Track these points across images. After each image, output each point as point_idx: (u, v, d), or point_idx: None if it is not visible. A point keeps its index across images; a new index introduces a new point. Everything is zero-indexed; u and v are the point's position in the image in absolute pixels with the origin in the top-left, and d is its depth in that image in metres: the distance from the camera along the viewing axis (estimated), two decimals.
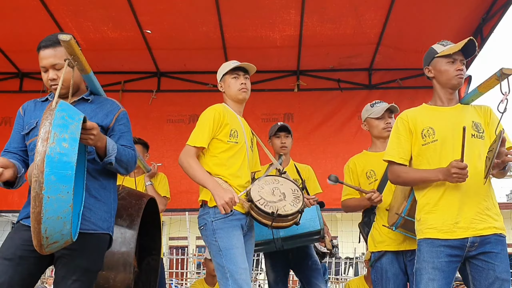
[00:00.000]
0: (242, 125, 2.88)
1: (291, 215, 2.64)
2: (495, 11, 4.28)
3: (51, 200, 1.74)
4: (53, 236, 1.80)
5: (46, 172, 1.73)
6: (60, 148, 1.77)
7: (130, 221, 2.66)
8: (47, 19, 4.40)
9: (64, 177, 1.77)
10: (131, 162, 2.31)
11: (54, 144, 1.76)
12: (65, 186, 1.77)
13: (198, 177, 2.63)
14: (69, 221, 1.81)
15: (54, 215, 1.76)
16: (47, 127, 1.78)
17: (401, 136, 2.52)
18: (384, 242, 2.91)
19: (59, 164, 1.76)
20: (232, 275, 2.50)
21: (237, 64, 2.89)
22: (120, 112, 2.36)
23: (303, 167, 3.77)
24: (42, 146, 1.75)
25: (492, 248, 2.28)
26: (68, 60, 2.09)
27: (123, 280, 2.55)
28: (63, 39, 1.99)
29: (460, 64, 2.46)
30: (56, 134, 1.78)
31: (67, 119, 1.86)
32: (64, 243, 1.90)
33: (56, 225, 1.79)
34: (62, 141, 1.78)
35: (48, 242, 1.81)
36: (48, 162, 1.73)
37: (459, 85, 2.48)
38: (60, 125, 1.81)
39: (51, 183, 1.73)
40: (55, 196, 1.75)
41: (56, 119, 1.81)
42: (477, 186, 2.32)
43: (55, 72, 2.23)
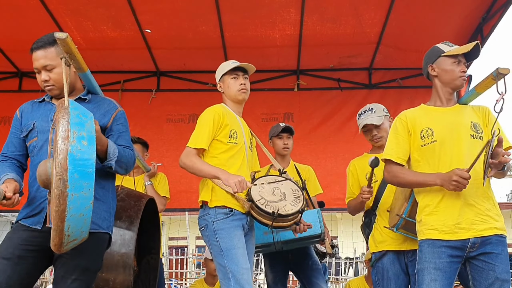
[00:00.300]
0: (242, 125, 2.87)
1: (292, 215, 2.63)
2: (495, 11, 4.28)
3: (75, 198, 1.76)
4: (74, 233, 1.82)
5: (70, 170, 1.74)
6: (81, 146, 1.80)
7: (129, 222, 2.65)
8: (46, 18, 4.39)
9: (86, 174, 1.79)
10: (130, 163, 2.30)
11: (75, 142, 1.79)
12: (87, 183, 1.80)
13: (204, 171, 2.62)
14: (89, 218, 1.84)
15: (77, 213, 1.78)
16: (66, 126, 1.80)
17: (400, 136, 2.51)
18: (385, 242, 2.90)
19: (81, 162, 1.79)
20: (234, 275, 2.49)
21: (237, 64, 2.88)
22: (117, 111, 2.35)
23: (303, 168, 3.75)
24: (63, 144, 1.76)
25: (493, 249, 2.28)
26: (64, 59, 2.07)
27: (122, 282, 2.54)
28: (59, 37, 1.98)
29: (464, 66, 2.47)
30: (75, 132, 1.80)
31: (81, 117, 1.88)
32: (81, 240, 1.92)
33: (78, 223, 1.81)
34: (82, 139, 1.82)
35: (69, 240, 1.83)
36: (71, 160, 1.75)
37: (462, 86, 2.48)
38: (77, 123, 1.84)
39: (75, 181, 1.75)
40: (79, 194, 1.77)
41: (72, 117, 1.83)
42: (477, 187, 2.32)
43: (47, 74, 2.22)
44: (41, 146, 2.24)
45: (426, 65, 2.57)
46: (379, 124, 3.13)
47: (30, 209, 2.21)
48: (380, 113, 3.19)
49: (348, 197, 3.27)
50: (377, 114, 3.18)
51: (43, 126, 2.25)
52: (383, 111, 3.21)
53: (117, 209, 2.59)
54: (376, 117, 3.16)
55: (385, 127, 3.16)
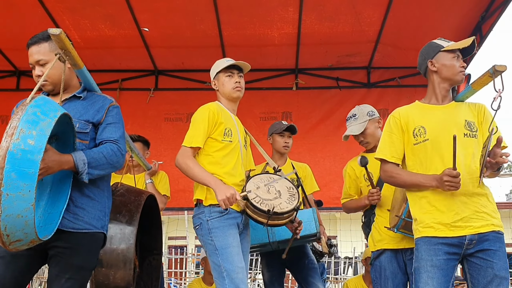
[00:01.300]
0: (236, 123, 2.86)
1: (287, 213, 2.62)
2: (494, 9, 4.26)
3: (10, 198, 1.68)
4: (14, 234, 1.75)
5: (6, 169, 1.67)
6: (25, 145, 1.71)
7: (129, 217, 2.63)
8: (44, 17, 4.39)
9: (26, 175, 1.70)
10: (113, 159, 2.19)
11: (19, 140, 1.70)
12: (27, 185, 1.70)
13: (198, 176, 2.61)
14: (31, 220, 1.75)
15: (14, 213, 1.71)
16: (15, 122, 1.73)
17: (393, 135, 2.48)
18: (383, 240, 2.89)
19: (22, 161, 1.70)
20: (229, 274, 2.48)
21: (231, 62, 2.87)
22: (111, 105, 2.32)
23: (299, 166, 3.74)
24: (5, 141, 1.70)
25: (491, 246, 2.26)
26: (59, 55, 2.06)
27: (123, 277, 2.52)
28: (53, 33, 1.97)
29: (463, 61, 2.45)
30: (22, 130, 1.72)
31: (39, 115, 1.79)
32: (30, 241, 1.84)
33: (16, 224, 1.73)
34: (28, 138, 1.72)
35: (10, 240, 1.76)
36: (9, 159, 1.68)
37: (461, 81, 2.45)
38: (29, 121, 1.75)
39: (11, 180, 1.67)
40: (15, 194, 1.69)
41: (25, 115, 1.76)
42: (472, 184, 2.30)
43: (40, 69, 2.21)
44: None
45: (423, 61, 2.53)
46: (362, 131, 3.13)
47: None
48: (362, 119, 3.16)
49: (343, 197, 3.26)
50: (359, 121, 3.17)
51: None
52: (367, 116, 3.17)
53: (117, 204, 2.59)
54: (356, 125, 3.15)
55: (370, 131, 3.15)
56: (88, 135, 2.22)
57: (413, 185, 2.40)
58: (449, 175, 2.19)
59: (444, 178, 2.20)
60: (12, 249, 1.83)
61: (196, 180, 2.63)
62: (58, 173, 2.01)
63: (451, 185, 2.20)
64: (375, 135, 3.15)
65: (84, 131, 2.20)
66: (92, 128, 2.24)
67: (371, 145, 3.16)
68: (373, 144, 3.14)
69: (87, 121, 2.23)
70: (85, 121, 2.22)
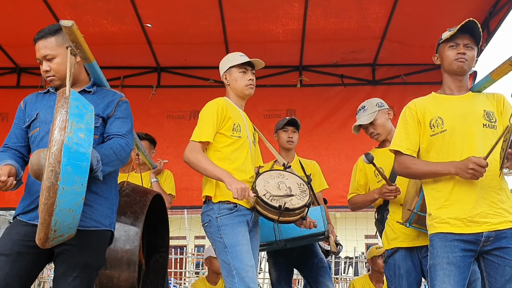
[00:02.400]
0: (245, 119, 2.81)
1: (299, 209, 2.56)
2: (502, 5, 4.22)
3: (66, 192, 1.69)
4: (61, 229, 1.75)
5: (63, 163, 1.67)
6: (77, 139, 1.73)
7: (134, 218, 2.60)
8: (45, 13, 4.33)
9: (80, 169, 1.72)
10: (122, 155, 2.15)
11: (72, 134, 1.72)
12: (80, 178, 1.72)
13: (209, 170, 2.54)
14: (79, 215, 1.77)
15: (67, 208, 1.71)
16: (64, 116, 1.73)
17: (409, 127, 2.42)
18: (398, 238, 2.83)
19: (76, 155, 1.71)
20: (239, 273, 2.42)
21: (246, 59, 2.82)
22: (120, 99, 2.30)
23: (308, 163, 3.68)
24: (59, 135, 1.69)
25: (509, 243, 2.19)
26: (70, 48, 2.01)
27: (127, 279, 2.49)
28: (65, 25, 1.93)
29: (463, 48, 2.35)
30: (73, 124, 1.73)
31: (81, 109, 1.82)
32: (68, 237, 1.84)
33: (66, 218, 1.74)
34: (79, 131, 1.74)
35: (55, 235, 1.76)
36: (65, 152, 1.68)
37: (459, 69, 2.36)
38: (76, 115, 1.77)
39: (67, 174, 1.68)
40: (70, 188, 1.70)
41: (72, 108, 1.76)
42: (490, 178, 2.23)
43: (48, 64, 2.18)
44: (42, 137, 2.18)
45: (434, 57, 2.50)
46: (372, 121, 3.07)
47: (26, 204, 2.15)
48: (372, 109, 3.11)
49: (351, 192, 3.18)
50: (368, 111, 3.12)
51: (46, 117, 2.20)
52: (376, 106, 3.12)
53: (122, 205, 2.55)
54: (366, 116, 3.10)
55: (380, 122, 3.08)
56: (98, 130, 2.19)
57: (430, 174, 2.33)
58: (477, 163, 2.12)
59: (470, 165, 2.13)
60: (48, 246, 1.82)
61: (207, 174, 2.57)
62: None
63: (475, 174, 2.13)
64: (385, 126, 3.09)
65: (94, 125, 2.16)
66: (101, 122, 2.21)
67: (382, 137, 3.09)
68: (384, 136, 3.08)
69: (97, 115, 2.19)
70: (95, 115, 2.18)
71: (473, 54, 2.38)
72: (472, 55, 2.37)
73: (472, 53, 2.37)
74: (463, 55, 2.34)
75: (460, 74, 2.40)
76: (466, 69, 2.37)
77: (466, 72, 2.39)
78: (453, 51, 2.37)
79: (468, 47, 2.36)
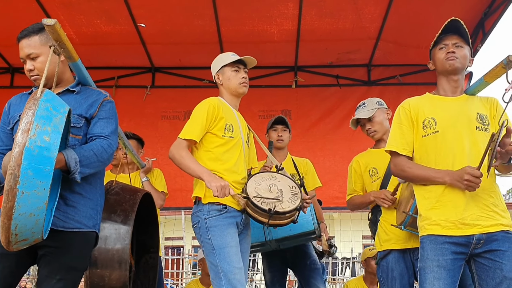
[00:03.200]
0: (238, 119, 2.78)
1: (289, 213, 2.53)
2: (497, 5, 4.20)
3: (26, 196, 1.64)
4: (23, 233, 1.70)
5: (23, 166, 1.62)
6: (41, 142, 1.67)
7: (124, 216, 2.57)
8: (38, 12, 4.29)
9: (42, 173, 1.66)
10: (103, 156, 2.12)
11: (35, 136, 1.66)
12: (42, 182, 1.67)
13: (191, 168, 2.51)
14: (42, 219, 1.71)
15: (27, 212, 1.66)
16: (30, 118, 1.68)
17: (403, 126, 2.40)
18: (390, 240, 2.82)
19: (39, 158, 1.66)
20: (226, 275, 2.39)
21: (238, 57, 2.80)
22: (104, 99, 2.25)
23: (301, 161, 3.67)
24: (22, 137, 1.65)
25: (499, 246, 2.17)
26: (53, 47, 1.98)
27: (118, 278, 2.46)
28: (47, 24, 1.90)
29: (452, 47, 2.33)
30: (38, 126, 1.68)
31: (51, 111, 1.76)
32: (34, 241, 1.80)
33: (27, 223, 1.68)
34: (44, 134, 1.68)
35: (17, 239, 1.71)
36: (26, 155, 1.63)
37: (451, 67, 2.34)
38: (43, 117, 1.71)
39: (27, 178, 1.63)
40: (30, 192, 1.64)
41: (39, 110, 1.71)
42: (482, 181, 2.20)
43: (32, 63, 2.15)
44: None
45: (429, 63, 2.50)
46: (370, 118, 3.07)
47: None
48: (372, 106, 3.12)
49: (349, 193, 3.19)
50: (368, 108, 3.13)
51: None
52: (376, 104, 3.14)
53: (111, 203, 2.54)
54: (366, 111, 3.11)
55: (378, 119, 3.10)
56: (81, 130, 2.16)
57: (424, 179, 2.31)
58: (472, 175, 2.11)
59: (465, 176, 2.12)
60: (13, 249, 1.78)
61: (189, 172, 2.54)
62: None
63: (470, 185, 2.12)
64: (382, 124, 3.10)
65: (77, 125, 2.14)
66: (85, 122, 2.18)
67: (378, 135, 3.09)
68: (380, 134, 3.08)
69: (80, 115, 2.16)
70: (78, 115, 2.16)
71: (464, 52, 2.35)
72: (463, 53, 2.34)
73: (463, 51, 2.35)
74: (453, 54, 2.33)
75: (454, 73, 2.37)
76: (458, 66, 2.35)
77: (459, 70, 2.37)
78: (442, 52, 2.36)
79: (457, 46, 2.35)
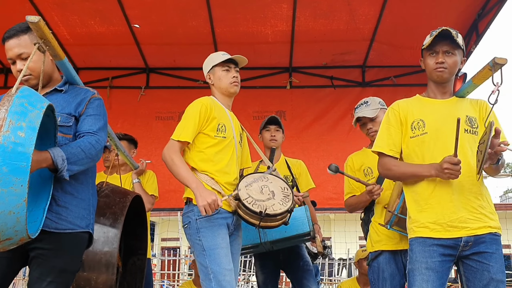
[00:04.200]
0: (231, 119, 2.76)
1: (280, 215, 2.52)
2: (491, 7, 4.21)
3: (2, 193, 1.61)
4: (5, 232, 1.67)
5: None
6: (15, 137, 1.64)
7: (113, 219, 2.55)
8: (31, 13, 4.27)
9: (17, 169, 1.63)
10: (92, 153, 2.09)
11: (9, 132, 1.63)
12: (19, 179, 1.63)
13: (181, 175, 2.51)
14: (23, 217, 1.68)
15: (6, 210, 1.63)
16: (3, 114, 1.65)
17: (391, 127, 2.40)
18: (381, 241, 2.81)
19: (13, 155, 1.62)
20: (216, 276, 2.38)
21: (228, 56, 2.78)
22: (92, 97, 2.23)
23: (294, 162, 3.66)
24: None
25: (487, 248, 2.18)
26: (38, 44, 1.96)
27: (105, 282, 2.44)
28: (31, 21, 1.86)
29: (442, 56, 2.31)
30: (11, 122, 1.65)
31: (26, 106, 1.72)
32: (20, 240, 1.76)
33: (8, 221, 1.65)
34: (18, 130, 1.65)
35: (0, 239, 1.68)
36: (0, 152, 1.60)
37: (439, 79, 2.34)
38: (17, 113, 1.68)
39: (2, 175, 1.60)
40: (7, 189, 1.61)
41: (13, 106, 1.68)
42: (470, 183, 2.22)
43: (23, 63, 2.10)
44: None
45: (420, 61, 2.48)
46: (373, 117, 3.06)
47: None
48: (375, 106, 3.11)
49: (347, 193, 3.15)
50: (371, 107, 3.11)
51: None
52: (379, 104, 3.13)
53: (101, 206, 2.50)
54: (370, 110, 3.09)
55: (379, 120, 3.07)
56: (71, 129, 2.13)
57: (410, 175, 2.31)
58: (449, 162, 2.10)
59: (444, 165, 2.11)
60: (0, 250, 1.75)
61: (178, 178, 2.54)
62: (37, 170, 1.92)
63: (451, 173, 2.11)
64: None
65: (67, 124, 2.12)
66: (74, 121, 2.15)
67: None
68: None
69: (69, 114, 2.14)
70: (67, 114, 2.14)
71: (454, 59, 2.33)
72: (452, 61, 2.32)
73: (453, 59, 2.32)
74: (442, 64, 2.31)
75: (441, 82, 2.38)
76: (446, 77, 2.34)
77: (447, 80, 2.37)
78: (432, 59, 2.34)
79: (448, 53, 2.32)
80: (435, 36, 2.29)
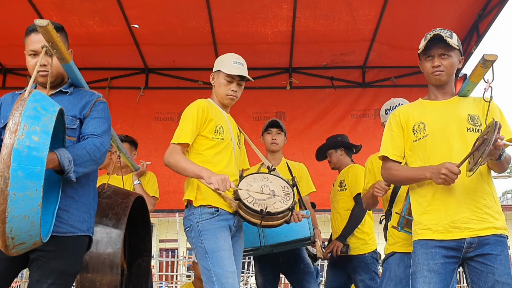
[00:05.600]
0: (228, 121, 2.75)
1: (281, 213, 2.50)
2: (492, 8, 4.20)
3: (18, 198, 1.60)
4: (19, 236, 1.67)
5: (12, 167, 1.59)
6: (30, 142, 1.64)
7: (116, 220, 2.55)
8: (31, 13, 4.27)
9: (32, 173, 1.63)
10: (96, 155, 2.09)
11: (23, 137, 1.63)
12: (34, 183, 1.63)
13: (189, 169, 2.49)
14: (37, 221, 1.68)
15: (21, 214, 1.63)
16: (17, 118, 1.65)
17: (394, 133, 2.42)
18: (396, 244, 2.81)
19: (28, 159, 1.62)
20: (219, 279, 2.36)
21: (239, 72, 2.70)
22: (97, 100, 2.23)
23: (295, 165, 3.64)
24: (9, 138, 1.62)
25: (492, 250, 2.15)
26: (46, 48, 1.96)
27: (110, 282, 2.45)
28: (40, 24, 1.88)
29: (437, 60, 2.29)
30: (26, 126, 1.64)
31: (39, 110, 1.72)
32: (33, 244, 1.77)
33: (22, 225, 1.65)
34: (33, 134, 1.65)
35: (14, 243, 1.68)
36: (15, 157, 1.60)
37: (437, 82, 2.34)
38: (31, 117, 1.68)
39: (18, 179, 1.60)
40: (22, 194, 1.61)
41: (27, 110, 1.68)
42: (474, 182, 2.20)
43: (45, 58, 2.08)
44: None
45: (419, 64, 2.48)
46: None
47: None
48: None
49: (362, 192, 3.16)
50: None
51: None
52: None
53: (103, 207, 2.51)
54: None
55: None
56: (76, 131, 2.13)
57: (410, 179, 2.32)
58: (449, 170, 2.09)
59: (442, 170, 2.10)
60: (13, 253, 1.75)
61: (186, 174, 2.51)
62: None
63: (446, 179, 2.11)
64: None
65: (71, 127, 2.12)
66: (79, 124, 2.15)
67: None
68: None
69: (74, 116, 2.14)
70: (72, 116, 2.14)
71: (450, 61, 2.31)
72: (449, 62, 2.30)
73: (449, 61, 2.30)
74: (438, 68, 2.30)
75: (440, 85, 2.37)
76: (444, 79, 2.34)
77: (445, 82, 2.36)
78: (428, 63, 2.33)
79: (443, 56, 2.30)
80: (428, 40, 2.28)
